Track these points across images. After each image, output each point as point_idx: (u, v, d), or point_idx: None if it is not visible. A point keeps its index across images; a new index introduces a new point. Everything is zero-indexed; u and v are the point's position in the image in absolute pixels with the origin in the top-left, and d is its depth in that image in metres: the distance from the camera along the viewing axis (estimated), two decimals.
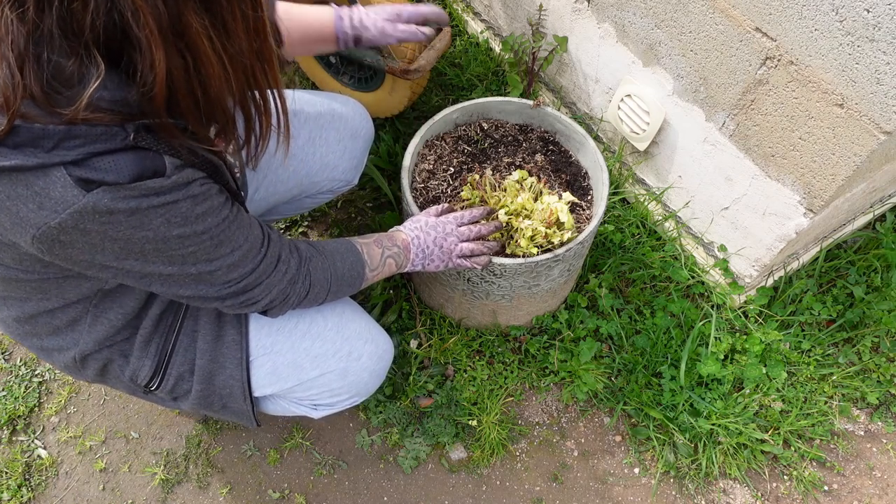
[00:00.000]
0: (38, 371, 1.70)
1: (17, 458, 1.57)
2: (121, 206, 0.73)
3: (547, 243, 1.37)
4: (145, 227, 0.77)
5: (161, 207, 0.76)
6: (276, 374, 1.16)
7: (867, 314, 1.69)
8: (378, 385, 1.30)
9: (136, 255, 0.81)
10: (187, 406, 1.17)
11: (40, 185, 0.70)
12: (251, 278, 0.94)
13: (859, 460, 1.59)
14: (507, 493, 1.54)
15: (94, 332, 1.03)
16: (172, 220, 0.78)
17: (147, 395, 1.16)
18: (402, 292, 1.75)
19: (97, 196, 0.71)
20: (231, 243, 0.88)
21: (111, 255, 0.80)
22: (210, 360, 1.10)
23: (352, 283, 1.15)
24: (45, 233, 0.73)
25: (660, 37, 1.50)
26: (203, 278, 0.89)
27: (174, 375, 1.11)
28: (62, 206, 0.71)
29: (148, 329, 1.06)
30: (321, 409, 1.28)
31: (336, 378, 1.19)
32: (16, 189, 0.71)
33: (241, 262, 0.91)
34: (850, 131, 1.21)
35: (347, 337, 1.19)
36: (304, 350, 1.15)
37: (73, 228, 0.73)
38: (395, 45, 1.69)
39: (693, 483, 1.55)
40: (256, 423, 1.21)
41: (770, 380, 1.62)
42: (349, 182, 1.47)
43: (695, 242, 1.77)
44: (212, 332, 1.10)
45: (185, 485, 1.55)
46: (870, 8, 1.06)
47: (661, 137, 1.66)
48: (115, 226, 0.75)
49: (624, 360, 1.64)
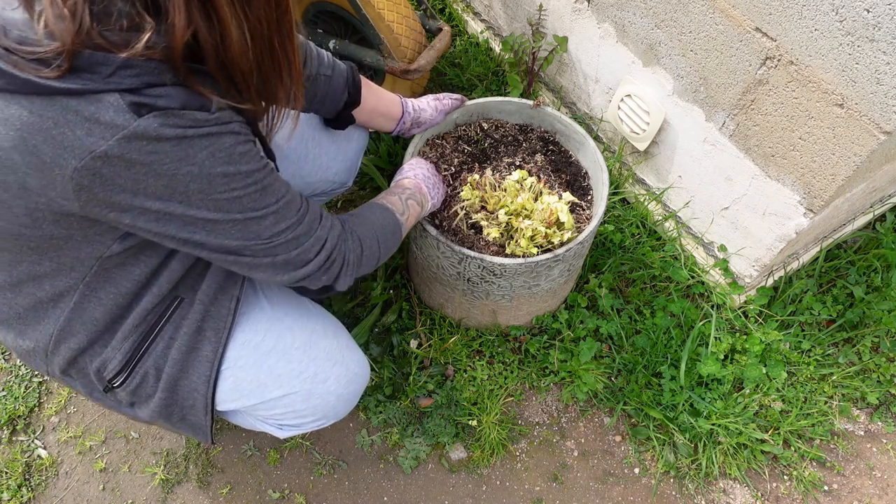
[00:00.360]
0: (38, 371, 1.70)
1: (17, 458, 1.57)
2: (168, 132, 0.75)
3: (547, 243, 1.37)
4: (190, 161, 0.78)
5: (205, 139, 0.78)
6: (238, 391, 1.13)
7: (867, 314, 1.69)
8: (349, 409, 1.27)
9: (180, 196, 0.80)
10: (145, 414, 1.13)
11: (92, 110, 0.72)
12: (300, 229, 0.93)
13: (859, 460, 1.59)
14: (507, 493, 1.54)
15: (80, 311, 0.99)
16: (217, 154, 0.79)
17: (105, 396, 1.12)
18: (402, 292, 1.75)
19: (147, 121, 0.73)
20: (275, 193, 0.89)
21: (154, 195, 0.79)
22: (179, 370, 1.08)
23: (394, 231, 1.16)
24: (87, 164, 0.74)
25: (660, 37, 1.50)
26: (250, 227, 0.88)
27: (140, 374, 1.08)
28: (111, 132, 0.73)
29: (133, 322, 1.04)
30: (286, 429, 1.25)
31: (300, 400, 1.16)
32: (66, 115, 0.72)
33: (286, 212, 0.91)
34: (850, 131, 1.21)
35: (314, 357, 1.16)
36: (267, 368, 1.12)
37: (118, 158, 0.74)
38: (396, 46, 1.69)
39: (693, 483, 1.55)
40: (212, 440, 1.18)
41: (770, 380, 1.62)
42: (343, 184, 1.47)
43: (695, 242, 1.77)
44: (188, 343, 1.07)
45: (185, 485, 1.55)
46: (870, 8, 1.06)
47: (661, 137, 1.67)
48: (160, 156, 0.76)
49: (624, 360, 1.64)
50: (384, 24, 1.66)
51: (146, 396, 1.11)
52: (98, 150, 0.73)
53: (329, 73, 1.24)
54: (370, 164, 1.83)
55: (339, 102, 1.29)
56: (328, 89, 1.25)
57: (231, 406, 1.15)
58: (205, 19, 0.72)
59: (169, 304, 1.06)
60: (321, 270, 1.00)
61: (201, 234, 0.86)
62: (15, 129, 0.73)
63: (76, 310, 0.99)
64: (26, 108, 0.73)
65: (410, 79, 1.71)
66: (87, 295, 0.98)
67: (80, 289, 0.97)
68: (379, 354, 1.65)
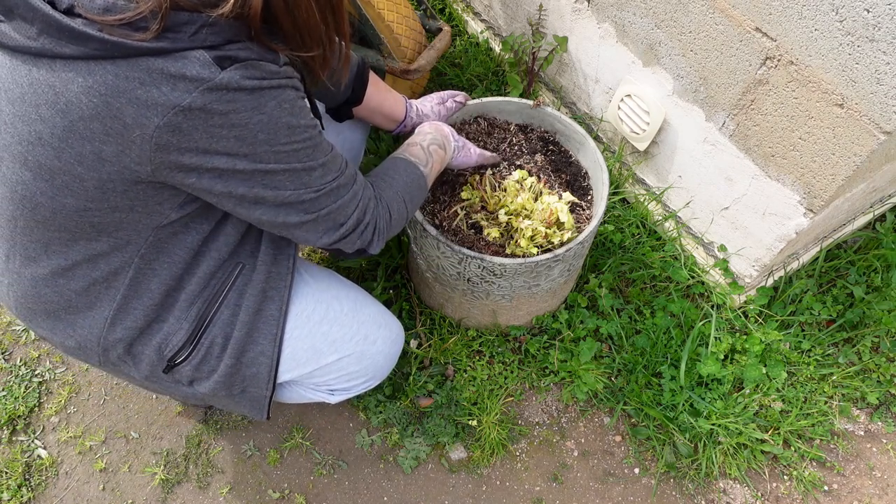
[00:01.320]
0: (38, 371, 1.70)
1: (17, 458, 1.57)
2: (247, 83, 0.80)
3: (547, 243, 1.37)
4: (261, 110, 0.83)
5: (275, 90, 0.83)
6: (296, 360, 1.17)
7: (867, 314, 1.69)
8: (391, 368, 1.35)
9: (247, 149, 0.85)
10: (205, 389, 1.14)
11: (178, 66, 0.76)
12: (342, 179, 0.99)
13: (859, 460, 1.59)
14: (507, 493, 1.54)
15: (136, 284, 1.00)
16: (283, 104, 0.85)
17: (163, 376, 1.12)
18: (402, 292, 1.75)
19: (230, 73, 0.78)
20: (324, 149, 0.95)
21: (223, 152, 0.84)
22: (246, 333, 1.11)
23: (419, 185, 1.20)
24: (170, 119, 0.78)
25: (660, 37, 1.50)
26: (303, 177, 0.93)
27: (206, 345, 1.09)
28: (196, 84, 0.77)
29: (195, 288, 1.05)
30: (338, 393, 1.31)
31: (353, 362, 1.23)
32: (151, 75, 0.76)
33: (332, 165, 0.97)
34: (850, 131, 1.21)
35: (363, 321, 1.23)
36: (322, 335, 1.18)
37: (199, 110, 0.78)
38: (396, 46, 1.69)
39: (693, 483, 1.55)
40: (268, 414, 1.21)
41: (770, 380, 1.62)
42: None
43: (695, 242, 1.77)
44: (255, 304, 1.10)
45: (185, 485, 1.55)
46: (870, 8, 1.06)
47: (661, 137, 1.67)
48: (237, 105, 0.80)
49: (624, 360, 1.64)
50: (384, 24, 1.66)
51: (209, 371, 1.12)
52: (182, 103, 0.77)
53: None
54: (370, 164, 1.83)
55: (340, 97, 1.30)
56: (333, 83, 1.26)
57: (289, 376, 1.20)
58: None
59: (231, 271, 1.08)
60: (357, 232, 1.05)
61: (260, 188, 0.91)
62: (99, 96, 0.77)
63: (132, 286, 1.00)
64: (111, 73, 0.76)
65: (410, 79, 1.71)
66: (143, 268, 1.00)
67: (135, 262, 0.98)
68: None
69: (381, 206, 1.09)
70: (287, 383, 1.28)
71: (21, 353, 1.74)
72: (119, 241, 0.95)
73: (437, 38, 1.76)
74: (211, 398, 1.19)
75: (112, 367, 1.13)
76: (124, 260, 0.97)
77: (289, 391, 1.32)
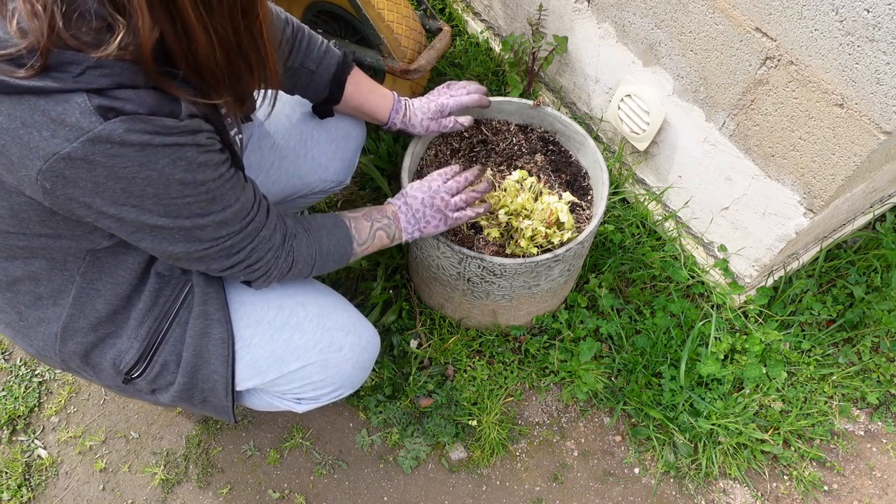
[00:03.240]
0: (38, 371, 1.70)
1: (17, 458, 1.57)
2: (133, 138, 0.75)
3: (547, 243, 1.37)
4: (150, 166, 0.78)
5: (170, 147, 0.78)
6: (257, 367, 1.14)
7: (867, 314, 1.69)
8: (363, 377, 1.28)
9: (134, 201, 0.81)
10: (166, 399, 1.15)
11: (59, 110, 0.72)
12: (237, 238, 0.95)
13: (859, 460, 1.59)
14: (507, 493, 1.54)
15: (80, 305, 1.00)
16: (178, 162, 0.80)
17: (124, 386, 1.13)
18: (403, 292, 1.75)
19: (113, 125, 0.73)
20: (224, 201, 0.90)
21: (110, 199, 0.80)
22: (195, 355, 1.09)
23: (338, 259, 1.16)
24: (52, 165, 0.74)
25: (660, 37, 1.50)
26: (194, 233, 0.90)
27: (160, 363, 1.09)
28: (76, 134, 0.72)
29: (143, 307, 1.04)
30: (305, 402, 1.26)
31: (317, 370, 1.18)
32: (33, 115, 0.72)
33: (230, 221, 0.93)
34: (850, 131, 1.21)
35: (328, 328, 1.18)
36: (283, 342, 1.14)
37: (81, 160, 0.74)
38: (396, 46, 1.69)
39: (693, 483, 1.55)
40: (234, 419, 1.21)
41: (770, 380, 1.62)
42: (341, 182, 1.47)
43: (695, 242, 1.77)
44: (199, 327, 1.09)
45: (185, 485, 1.55)
46: (870, 8, 1.06)
47: (661, 137, 1.67)
48: (122, 160, 0.76)
49: (624, 360, 1.64)
50: (384, 24, 1.66)
51: (166, 384, 1.12)
52: (62, 151, 0.73)
53: (313, 68, 1.23)
54: (370, 163, 1.83)
55: (318, 96, 1.29)
56: (309, 82, 1.26)
57: (250, 384, 1.17)
58: (169, 23, 0.72)
59: (181, 289, 1.07)
60: (242, 272, 1.02)
61: (147, 241, 0.88)
62: None
63: (76, 304, 1.00)
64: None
65: (410, 79, 1.71)
66: (85, 287, 0.99)
67: (76, 281, 0.98)
68: (379, 354, 1.65)
69: (285, 258, 1.06)
70: (253, 390, 1.25)
71: (21, 353, 1.74)
72: (55, 263, 0.95)
73: (437, 38, 1.76)
74: (175, 405, 1.19)
75: (76, 374, 1.14)
76: (65, 278, 0.97)
77: (256, 398, 1.29)
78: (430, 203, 1.25)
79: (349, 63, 1.28)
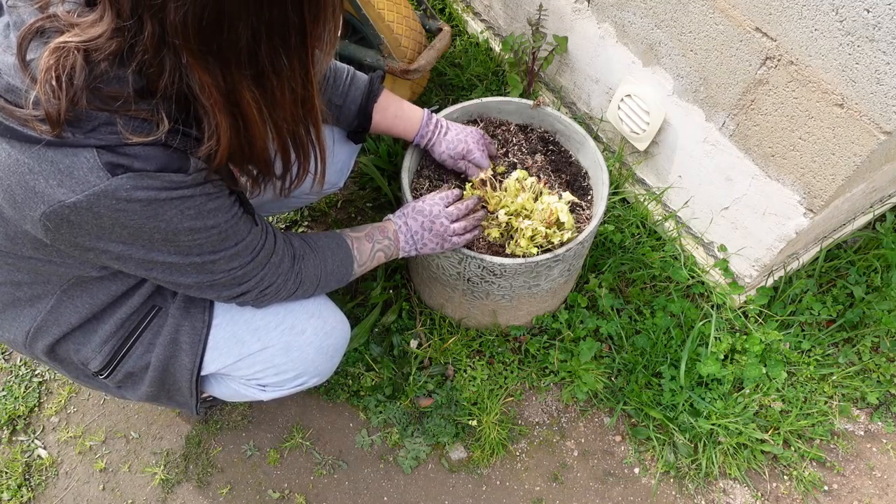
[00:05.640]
0: (38, 371, 1.70)
1: (17, 458, 1.57)
2: (139, 195, 0.75)
3: (547, 243, 1.37)
4: (158, 218, 0.79)
5: (177, 200, 0.79)
6: (217, 350, 1.14)
7: (867, 314, 1.69)
8: (330, 366, 1.27)
9: (142, 243, 0.82)
10: (133, 397, 1.18)
11: (67, 163, 0.72)
12: (249, 268, 0.97)
13: (859, 460, 1.59)
14: (507, 493, 1.54)
15: (55, 314, 1.02)
16: (186, 212, 0.81)
17: (93, 381, 1.17)
18: (403, 292, 1.75)
19: (120, 181, 0.74)
20: (236, 237, 0.92)
21: (117, 241, 0.81)
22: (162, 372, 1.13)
23: (340, 279, 1.19)
24: (56, 210, 0.75)
25: (660, 37, 1.50)
26: (205, 267, 0.91)
27: (123, 372, 1.12)
28: (82, 187, 0.73)
29: (109, 329, 1.06)
30: (269, 389, 1.25)
31: (279, 353, 1.17)
32: (41, 164, 0.72)
33: (241, 253, 0.95)
34: (850, 131, 1.21)
35: (291, 310, 1.17)
36: (243, 322, 1.14)
37: (86, 210, 0.75)
38: (396, 45, 1.69)
39: (693, 483, 1.55)
40: (196, 412, 1.22)
41: (770, 380, 1.62)
42: (335, 185, 1.48)
43: (695, 242, 1.77)
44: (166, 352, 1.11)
45: (185, 485, 1.55)
46: (870, 8, 1.06)
47: (661, 137, 1.67)
48: (128, 214, 0.77)
49: (624, 360, 1.64)
50: (384, 24, 1.66)
51: (133, 385, 1.16)
52: (67, 200, 0.74)
53: (340, 103, 1.27)
54: (370, 163, 1.83)
55: (349, 126, 1.34)
56: (339, 115, 1.29)
57: (212, 368, 1.17)
58: (232, 119, 0.75)
59: (147, 313, 1.09)
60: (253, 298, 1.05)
61: (157, 273, 0.90)
62: None
63: (52, 313, 1.02)
64: (4, 151, 0.73)
65: (410, 79, 1.71)
66: (64, 301, 1.01)
67: (56, 294, 1.00)
68: (379, 354, 1.65)
69: (292, 281, 1.08)
70: (218, 376, 1.25)
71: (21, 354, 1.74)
72: (39, 277, 0.96)
73: (437, 38, 1.76)
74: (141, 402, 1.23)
75: (45, 365, 1.19)
76: (47, 290, 0.99)
77: (221, 385, 1.28)
78: (429, 227, 1.29)
79: (374, 92, 1.30)
